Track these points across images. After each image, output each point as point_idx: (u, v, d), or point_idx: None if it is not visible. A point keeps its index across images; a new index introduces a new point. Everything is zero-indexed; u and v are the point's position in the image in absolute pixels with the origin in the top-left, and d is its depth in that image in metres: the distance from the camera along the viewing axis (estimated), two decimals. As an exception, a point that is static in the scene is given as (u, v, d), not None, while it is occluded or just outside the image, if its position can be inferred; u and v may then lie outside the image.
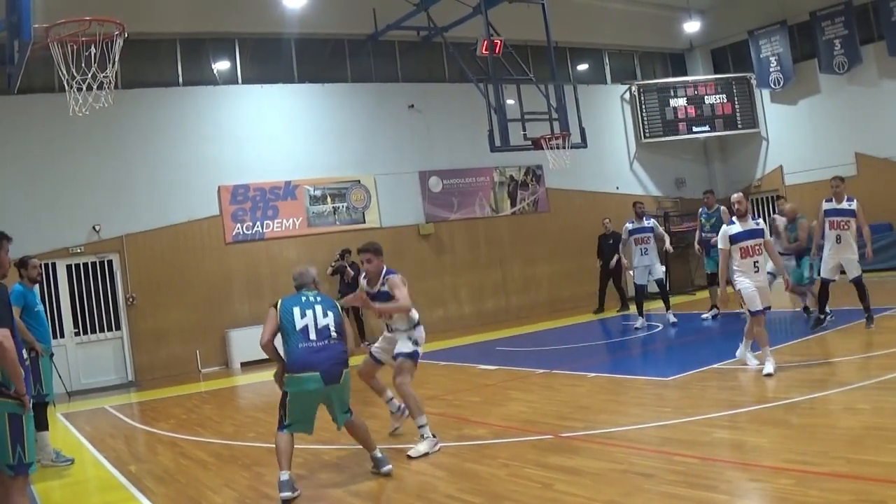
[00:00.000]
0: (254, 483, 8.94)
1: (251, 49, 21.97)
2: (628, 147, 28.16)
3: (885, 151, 24.95)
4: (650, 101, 28.08)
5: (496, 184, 24.79)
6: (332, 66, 23.14)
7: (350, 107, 22.72)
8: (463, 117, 22.93)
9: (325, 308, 8.66)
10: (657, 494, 7.02)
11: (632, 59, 29.48)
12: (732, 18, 28.48)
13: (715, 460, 7.85)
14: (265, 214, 21.11)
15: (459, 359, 17.14)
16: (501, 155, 21.33)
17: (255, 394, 16.41)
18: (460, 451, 9.33)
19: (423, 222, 23.26)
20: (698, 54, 30.31)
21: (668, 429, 9.28)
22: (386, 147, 22.97)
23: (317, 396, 8.42)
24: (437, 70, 24.74)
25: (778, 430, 8.66)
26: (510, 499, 7.35)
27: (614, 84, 28.44)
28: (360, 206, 22.26)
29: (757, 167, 28.93)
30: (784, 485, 6.85)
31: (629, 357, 15.56)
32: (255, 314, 19.87)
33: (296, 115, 22.07)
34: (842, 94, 26.15)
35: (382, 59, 23.75)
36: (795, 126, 27.44)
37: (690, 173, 29.35)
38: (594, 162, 25.68)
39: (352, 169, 22.47)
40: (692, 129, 28.27)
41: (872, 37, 25.47)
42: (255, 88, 21.64)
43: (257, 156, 21.21)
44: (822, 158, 26.12)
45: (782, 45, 27.22)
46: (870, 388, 9.96)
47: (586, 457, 8.48)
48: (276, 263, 20.77)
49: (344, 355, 8.53)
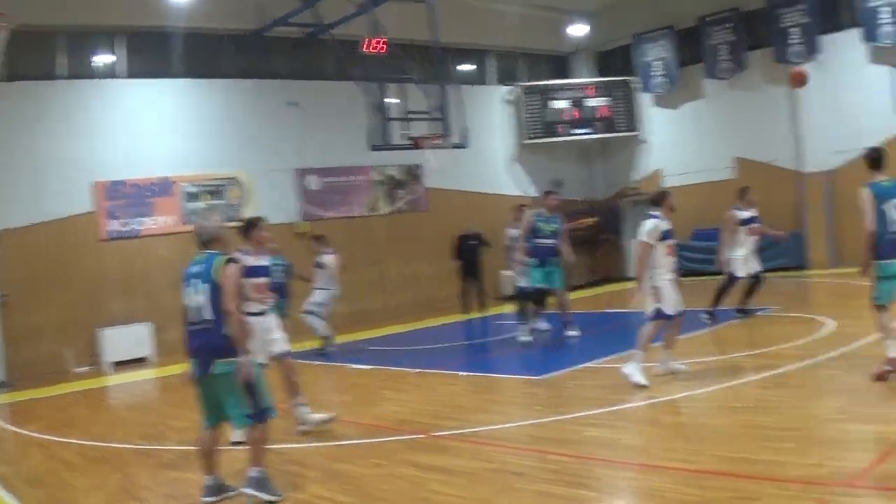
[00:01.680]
0: (124, 484, 8.68)
1: (135, 43, 21.38)
2: (509, 148, 28.24)
3: (766, 156, 25.44)
4: (532, 103, 28.18)
5: (375, 183, 24.59)
6: (215, 62, 22.66)
7: (230, 103, 22.28)
8: (344, 115, 22.67)
9: (202, 281, 7.50)
10: (530, 493, 7.01)
11: (516, 61, 29.57)
12: (619, 22, 28.73)
13: (588, 458, 7.88)
14: (140, 211, 20.56)
15: (334, 358, 16.91)
16: (381, 154, 21.22)
17: (126, 394, 16.02)
18: (332, 450, 9.22)
19: (299, 220, 22.99)
20: (583, 57, 30.54)
21: (540, 427, 9.33)
22: (264, 144, 22.57)
23: (202, 386, 7.58)
24: (320, 67, 24.45)
25: (652, 429, 8.76)
26: (382, 498, 7.27)
27: (498, 85, 28.49)
28: (236, 203, 21.87)
29: (636, 170, 29.28)
30: (659, 483, 6.91)
31: (503, 356, 15.57)
32: (129, 313, 19.61)
33: (176, 110, 21.54)
34: (725, 99, 26.59)
35: (265, 56, 23.37)
36: (677, 130, 27.84)
37: (571, 175, 29.55)
38: (474, 162, 25.64)
39: (229, 166, 22.05)
40: (573, 132, 28.44)
41: (759, 43, 25.90)
42: (137, 83, 21.06)
43: (136, 151, 20.57)
44: (703, 162, 26.59)
45: (668, 50, 27.51)
46: (744, 386, 10.15)
47: (459, 456, 8.45)
48: (150, 261, 20.30)
49: (217, 342, 7.38)
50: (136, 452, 9.85)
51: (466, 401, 11.44)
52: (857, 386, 9.42)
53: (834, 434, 7.67)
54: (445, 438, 9.20)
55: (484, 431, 9.36)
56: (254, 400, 7.43)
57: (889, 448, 6.86)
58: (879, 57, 22.86)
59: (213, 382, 7.45)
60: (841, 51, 23.89)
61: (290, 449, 9.28)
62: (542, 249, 15.43)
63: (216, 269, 7.44)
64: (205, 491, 7.54)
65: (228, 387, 7.39)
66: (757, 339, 13.55)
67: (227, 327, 7.34)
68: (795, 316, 15.59)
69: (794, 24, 24.27)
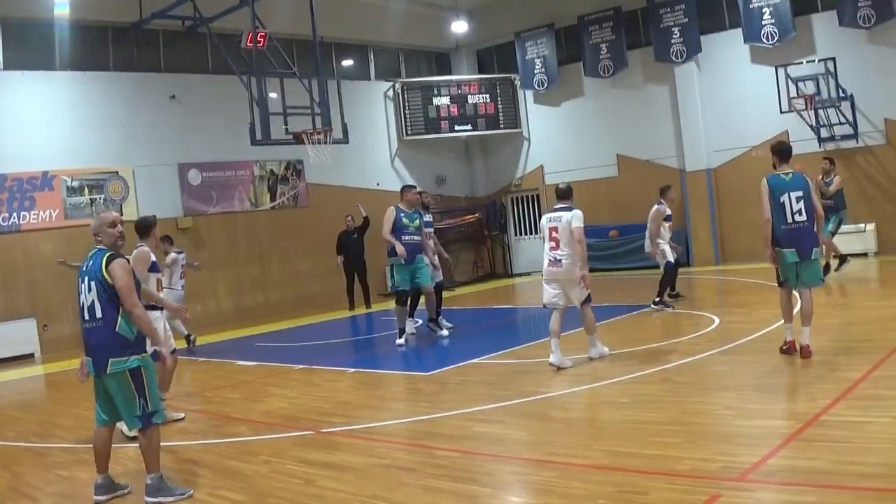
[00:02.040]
0: (14, 483, 8.44)
1: (13, 34, 20.81)
2: (390, 144, 28.23)
3: (646, 154, 25.94)
4: (413, 99, 28.23)
5: (256, 178, 24.36)
6: (95, 54, 22.12)
7: (111, 96, 21.78)
8: (225, 110, 22.36)
9: (90, 279, 7.32)
10: (420, 488, 7.03)
11: (397, 57, 29.59)
12: (500, 20, 28.99)
13: (477, 454, 7.93)
14: (21, 206, 20.06)
15: (218, 355, 16.75)
16: (262, 149, 21.01)
17: (12, 392, 15.57)
18: (221, 448, 9.12)
19: (181, 216, 22.64)
20: (464, 54, 30.75)
21: (429, 423, 9.36)
22: (146, 138, 22.15)
23: (98, 383, 7.40)
24: (201, 61, 24.12)
25: (539, 424, 8.83)
26: (273, 495, 7.21)
27: (378, 81, 28.45)
28: (117, 198, 21.44)
29: (518, 166, 29.54)
30: (547, 477, 6.97)
31: (389, 353, 15.58)
32: (11, 309, 19.17)
33: (56, 103, 20.93)
34: (605, 97, 26.99)
35: (146, 48, 22.93)
36: (558, 127, 28.17)
37: (452, 171, 29.76)
38: (356, 158, 25.60)
39: (110, 160, 21.57)
40: (454, 128, 28.60)
41: (640, 42, 26.38)
42: (15, 75, 20.47)
43: (15, 145, 20.02)
44: (584, 159, 26.99)
45: (548, 48, 27.81)
46: (630, 382, 10.26)
47: (348, 452, 8.45)
48: (32, 257, 19.84)
49: (109, 341, 7.22)
50: (26, 451, 9.63)
51: (354, 397, 11.42)
52: (743, 382, 9.64)
53: (723, 429, 7.81)
54: (334, 435, 9.18)
55: (372, 428, 9.34)
56: (145, 401, 7.33)
57: (779, 443, 7.01)
58: (761, 57, 23.43)
59: (108, 381, 7.30)
60: (722, 51, 24.54)
61: (180, 447, 9.18)
62: (408, 246, 15.14)
63: (101, 267, 7.28)
64: (96, 490, 7.41)
65: (122, 386, 7.26)
66: (644, 334, 13.75)
67: (119, 326, 7.21)
68: (681, 312, 15.89)
69: (675, 24, 24.73)
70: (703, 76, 24.80)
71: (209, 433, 9.83)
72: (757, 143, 23.18)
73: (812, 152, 21.66)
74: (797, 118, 21.96)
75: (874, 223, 22.03)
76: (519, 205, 30.11)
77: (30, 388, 15.39)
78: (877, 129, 21.95)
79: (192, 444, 9.41)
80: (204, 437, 9.53)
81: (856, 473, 6.11)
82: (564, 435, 8.30)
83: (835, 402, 8.06)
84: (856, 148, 22.19)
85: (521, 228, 30.24)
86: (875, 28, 21.52)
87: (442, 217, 27.47)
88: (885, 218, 21.95)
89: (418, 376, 12.59)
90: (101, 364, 7.22)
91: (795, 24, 22.64)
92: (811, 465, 6.40)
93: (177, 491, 7.32)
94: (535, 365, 11.84)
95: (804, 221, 10.21)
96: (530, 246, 29.33)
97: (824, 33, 22.59)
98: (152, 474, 7.32)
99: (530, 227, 29.75)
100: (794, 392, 9.30)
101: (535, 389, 10.38)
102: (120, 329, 7.24)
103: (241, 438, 9.51)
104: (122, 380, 7.25)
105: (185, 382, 13.46)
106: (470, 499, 6.66)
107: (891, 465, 6.19)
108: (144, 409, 7.32)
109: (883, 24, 21.35)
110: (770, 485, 6.17)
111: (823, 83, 21.33)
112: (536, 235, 28.91)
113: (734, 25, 24.09)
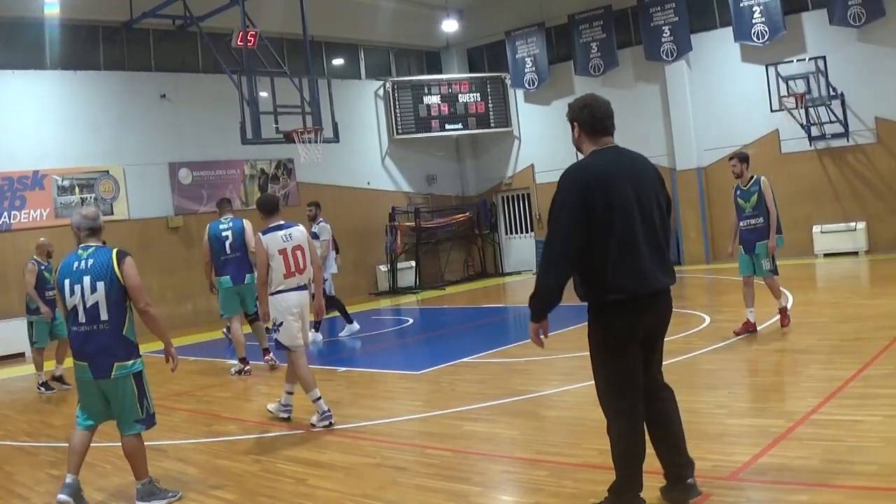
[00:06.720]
0: (5, 483, 8.41)
1: (4, 33, 20.74)
2: (381, 143, 28.22)
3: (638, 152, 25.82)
4: (404, 98, 28.22)
5: (247, 177, 24.35)
6: (85, 53, 22.08)
7: (102, 95, 21.76)
8: (215, 109, 22.37)
9: (93, 278, 6.96)
10: (411, 487, 7.02)
11: (387, 56, 29.58)
12: (490, 19, 29.01)
13: (468, 453, 7.92)
14: (12, 205, 20.03)
15: (209, 354, 16.76)
16: (253, 148, 20.98)
17: (2, 391, 15.49)
18: (211, 447, 9.11)
19: (172, 215, 22.60)
20: (454, 53, 30.77)
21: (420, 422, 9.36)
22: (136, 137, 22.13)
23: (93, 388, 7.08)
24: (192, 60, 24.10)
25: (530, 423, 8.82)
26: (263, 494, 7.19)
27: (369, 80, 28.44)
28: (108, 197, 21.43)
29: (508, 165, 29.54)
30: (538, 476, 6.97)
31: (380, 352, 15.56)
32: (1, 308, 19.10)
33: (46, 102, 20.91)
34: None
35: (136, 47, 22.90)
36: (549, 126, 27.96)
37: (442, 170, 29.76)
38: (346, 157, 25.60)
39: (101, 159, 21.55)
40: (445, 127, 28.59)
41: (630, 41, 26.41)
42: (6, 73, 20.43)
43: (6, 144, 19.99)
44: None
45: (538, 47, 27.83)
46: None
47: (339, 451, 8.43)
48: (23, 256, 19.69)
49: (114, 343, 7.00)
50: (16, 450, 9.61)
51: (344, 396, 11.38)
52: (734, 380, 9.67)
53: (714, 428, 7.77)
54: (324, 434, 9.16)
55: (363, 427, 9.33)
56: (148, 403, 7.24)
57: (769, 441, 7.00)
58: (751, 56, 23.48)
59: (111, 386, 7.07)
60: (713, 49, 24.56)
61: (169, 446, 9.16)
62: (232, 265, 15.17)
63: (112, 265, 7.02)
64: (63, 488, 7.11)
65: (126, 391, 7.09)
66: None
67: (126, 328, 7.06)
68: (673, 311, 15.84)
69: (665, 23, 24.74)
70: (693, 75, 24.83)
71: (200, 432, 9.82)
72: (748, 142, 23.17)
73: (803, 151, 21.71)
74: (788, 117, 22.04)
75: (865, 222, 22.09)
76: (509, 204, 30.10)
77: (20, 387, 15.32)
78: (867, 127, 22.00)
79: (182, 443, 9.38)
80: (195, 436, 9.50)
81: (847, 472, 6.11)
82: (556, 434, 8.30)
83: (826, 401, 8.07)
84: (846, 146, 22.25)
85: (512, 227, 30.23)
86: (865, 27, 21.59)
87: (432, 216, 27.49)
88: (875, 216, 22.03)
89: (409, 375, 12.58)
90: (105, 369, 6.97)
91: (786, 23, 22.71)
92: (802, 463, 6.40)
93: (168, 494, 7.24)
94: (526, 364, 11.85)
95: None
96: (521, 245, 29.38)
97: (815, 32, 22.66)
98: (141, 480, 7.18)
99: (521, 225, 29.76)
100: (785, 391, 9.31)
101: (527, 388, 10.39)
102: (126, 332, 7.07)
103: (232, 437, 9.49)
104: (126, 384, 7.08)
105: (177, 381, 13.41)
106: (461, 497, 6.65)
107: (882, 463, 6.18)
108: (148, 411, 7.22)
109: (873, 23, 21.43)
110: (761, 483, 6.17)
111: (814, 82, 21.35)
112: (527, 234, 28.95)
113: (725, 24, 24.16)
